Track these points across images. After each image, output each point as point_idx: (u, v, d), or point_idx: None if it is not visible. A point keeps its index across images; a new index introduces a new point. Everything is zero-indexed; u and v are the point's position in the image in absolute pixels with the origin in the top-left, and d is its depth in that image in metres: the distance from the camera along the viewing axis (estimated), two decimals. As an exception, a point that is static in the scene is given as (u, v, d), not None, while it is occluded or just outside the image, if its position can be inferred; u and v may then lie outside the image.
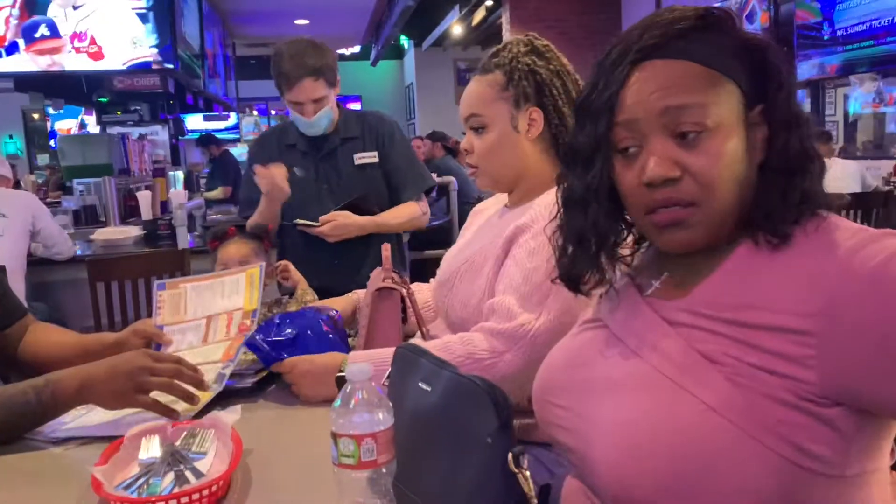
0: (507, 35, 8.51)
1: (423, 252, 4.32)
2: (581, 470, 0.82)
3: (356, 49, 13.44)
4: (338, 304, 1.61)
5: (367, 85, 13.93)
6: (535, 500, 0.77)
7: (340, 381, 1.21)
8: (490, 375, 1.13)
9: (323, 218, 2.17)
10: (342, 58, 14.01)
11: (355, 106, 14.24)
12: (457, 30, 10.36)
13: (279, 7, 9.39)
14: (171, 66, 5.44)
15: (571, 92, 1.29)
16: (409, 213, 2.35)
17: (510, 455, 0.78)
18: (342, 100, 2.46)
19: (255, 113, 15.77)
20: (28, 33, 5.17)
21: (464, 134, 1.41)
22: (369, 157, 2.33)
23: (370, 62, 13.56)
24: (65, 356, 1.27)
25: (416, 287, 1.59)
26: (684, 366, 0.72)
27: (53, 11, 5.24)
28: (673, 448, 0.70)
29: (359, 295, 1.64)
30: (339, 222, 2.16)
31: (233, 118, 12.68)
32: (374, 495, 0.80)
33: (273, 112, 15.99)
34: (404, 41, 13.23)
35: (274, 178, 2.08)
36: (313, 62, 2.14)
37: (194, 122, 11.48)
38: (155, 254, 3.53)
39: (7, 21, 5.15)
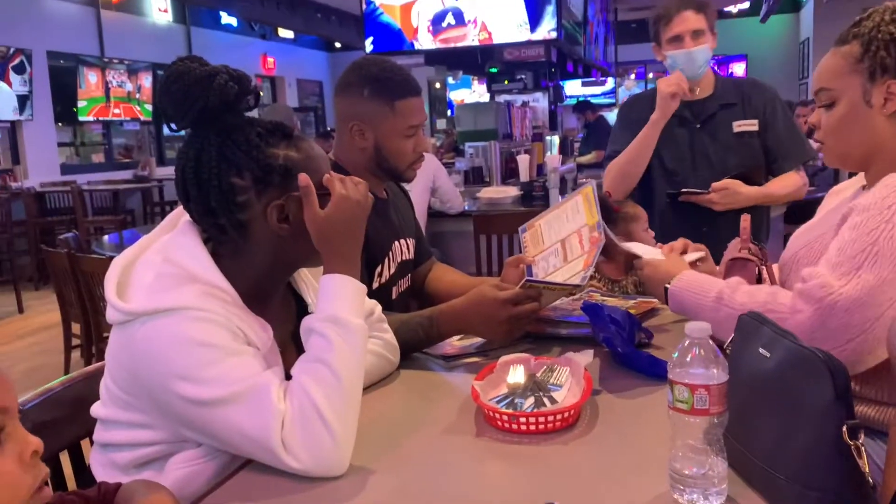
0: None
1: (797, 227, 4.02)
2: None
3: (745, 5, 12.58)
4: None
5: (753, 43, 13.00)
6: (868, 473, 0.78)
7: None
8: None
9: (715, 185, 2.17)
10: (727, 15, 13.24)
11: (740, 66, 13.38)
12: (868, -26, 9.06)
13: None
14: (555, 36, 5.75)
15: None
16: (792, 183, 2.29)
17: (845, 426, 0.80)
18: (726, 59, 2.51)
19: (632, 77, 15.77)
20: (436, 23, 5.86)
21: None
22: (749, 125, 2.27)
23: (759, 18, 12.58)
24: (459, 293, 1.54)
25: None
26: None
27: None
28: None
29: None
30: (731, 190, 2.15)
31: (609, 83, 12.90)
32: (705, 441, 0.88)
33: (650, 75, 15.79)
34: (803, -8, 11.98)
35: (680, 84, 2.14)
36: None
37: (572, 87, 11.98)
38: (530, 213, 3.87)
39: (418, 15, 5.88)
